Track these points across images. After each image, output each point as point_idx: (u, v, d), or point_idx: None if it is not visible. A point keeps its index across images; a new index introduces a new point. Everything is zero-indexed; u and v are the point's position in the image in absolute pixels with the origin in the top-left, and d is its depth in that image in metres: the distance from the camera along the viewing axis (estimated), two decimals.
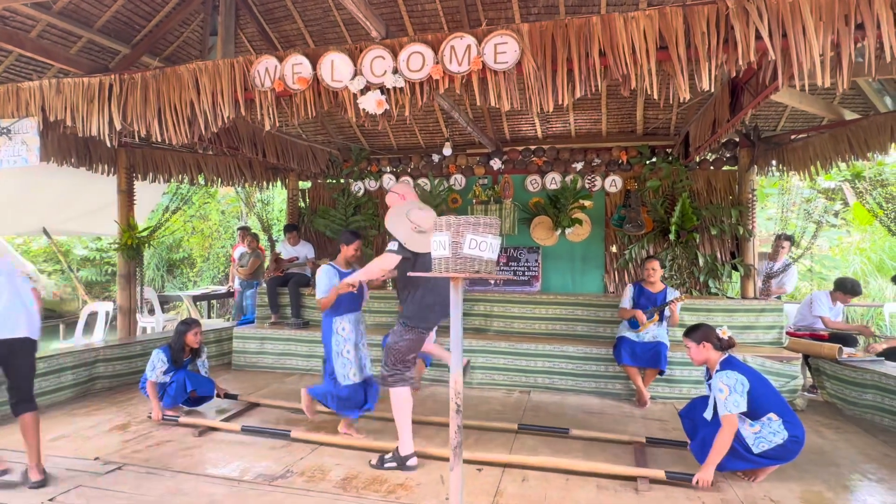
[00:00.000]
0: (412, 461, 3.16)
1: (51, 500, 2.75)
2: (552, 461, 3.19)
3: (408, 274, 3.14)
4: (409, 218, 3.15)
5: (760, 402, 2.85)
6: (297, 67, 3.20)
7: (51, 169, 5.38)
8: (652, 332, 4.40)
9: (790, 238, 5.77)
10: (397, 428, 3.20)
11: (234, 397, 4.46)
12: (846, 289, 5.06)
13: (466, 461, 3.19)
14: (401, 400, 3.18)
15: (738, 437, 2.87)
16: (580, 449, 3.47)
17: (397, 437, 3.19)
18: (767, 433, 2.86)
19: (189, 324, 4.16)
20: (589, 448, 3.49)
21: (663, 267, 5.31)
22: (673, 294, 4.37)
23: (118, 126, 3.44)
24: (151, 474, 3.07)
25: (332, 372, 3.60)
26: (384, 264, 3.18)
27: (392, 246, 3.15)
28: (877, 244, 9.08)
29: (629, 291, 4.57)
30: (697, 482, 2.85)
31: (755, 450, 2.86)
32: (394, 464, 3.16)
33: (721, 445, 2.83)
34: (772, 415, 2.86)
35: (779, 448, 2.84)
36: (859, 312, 7.85)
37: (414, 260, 3.14)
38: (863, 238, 9.46)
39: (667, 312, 4.37)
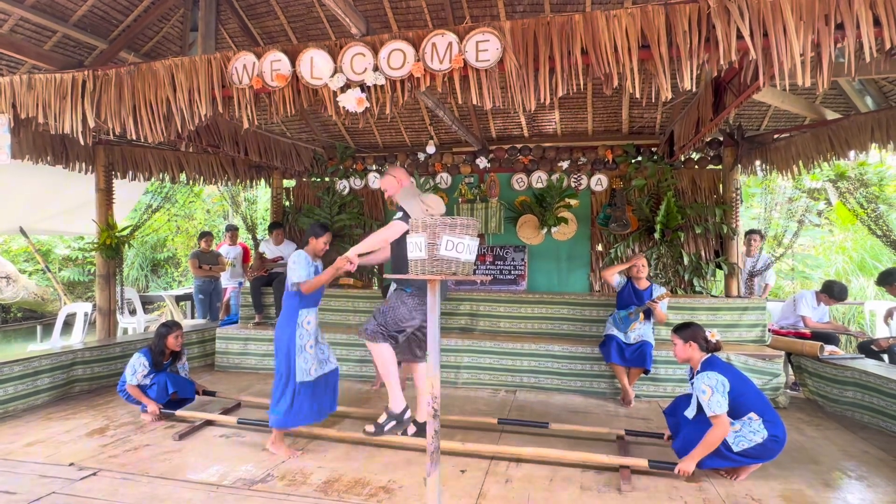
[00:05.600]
0: (408, 414, 3.15)
1: None
2: (534, 451, 3.23)
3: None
4: (422, 199, 3.18)
5: (741, 401, 2.87)
6: (275, 64, 3.13)
7: (26, 167, 5.25)
8: (637, 330, 4.40)
9: (758, 231, 5.97)
10: (386, 386, 3.22)
11: (212, 394, 4.42)
12: (832, 293, 5.11)
13: (448, 452, 3.18)
14: (384, 356, 3.16)
15: None
16: (562, 445, 3.46)
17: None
18: (747, 432, 2.87)
19: (170, 326, 4.08)
20: (571, 445, 3.49)
21: (648, 265, 5.34)
22: (658, 291, 4.37)
23: (91, 123, 3.35)
24: (127, 480, 3.00)
25: (285, 375, 3.34)
26: (390, 233, 3.17)
27: (398, 215, 3.19)
28: (858, 243, 9.21)
29: (620, 279, 4.61)
30: (679, 471, 2.89)
31: (735, 448, 2.87)
32: (392, 423, 3.12)
33: (709, 442, 2.84)
34: (752, 414, 2.88)
35: (759, 447, 2.85)
36: (841, 311, 7.95)
37: None
38: (845, 237, 9.59)
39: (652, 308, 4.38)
